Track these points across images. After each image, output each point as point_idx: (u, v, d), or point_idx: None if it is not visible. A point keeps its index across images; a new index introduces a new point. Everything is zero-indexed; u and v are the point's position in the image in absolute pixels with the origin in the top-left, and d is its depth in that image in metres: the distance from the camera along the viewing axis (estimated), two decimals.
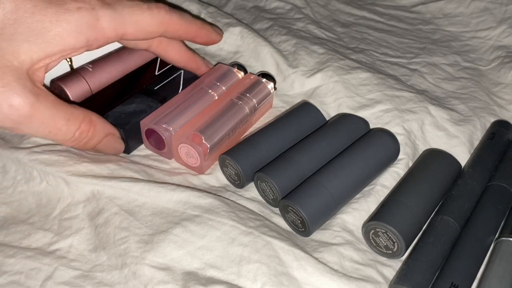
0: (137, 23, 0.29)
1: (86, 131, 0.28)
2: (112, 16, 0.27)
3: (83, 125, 0.28)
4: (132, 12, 0.28)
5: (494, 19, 0.48)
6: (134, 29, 0.29)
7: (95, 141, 0.29)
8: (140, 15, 0.29)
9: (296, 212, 0.27)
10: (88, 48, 0.27)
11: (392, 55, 0.44)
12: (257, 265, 0.25)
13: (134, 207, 0.28)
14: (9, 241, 0.27)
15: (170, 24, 0.31)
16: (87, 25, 0.26)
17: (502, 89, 0.41)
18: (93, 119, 0.28)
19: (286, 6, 0.49)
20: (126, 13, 0.28)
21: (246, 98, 0.34)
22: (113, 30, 0.28)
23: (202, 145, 0.30)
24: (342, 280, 0.25)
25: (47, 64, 0.26)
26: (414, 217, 0.27)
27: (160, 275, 0.24)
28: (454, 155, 0.32)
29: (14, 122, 0.25)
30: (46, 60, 0.25)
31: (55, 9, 0.25)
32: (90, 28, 0.26)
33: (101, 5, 0.27)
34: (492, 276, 0.25)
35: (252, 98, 0.34)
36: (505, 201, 0.30)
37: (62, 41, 0.25)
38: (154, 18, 0.29)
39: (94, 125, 0.28)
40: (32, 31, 0.25)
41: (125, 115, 0.32)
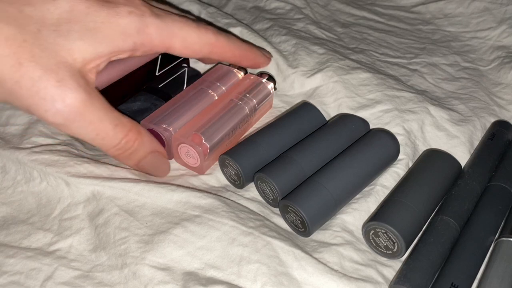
0: (185, 39, 0.29)
1: (132, 140, 0.27)
2: (161, 27, 0.28)
3: (131, 134, 0.27)
4: (181, 27, 0.29)
5: (494, 19, 0.48)
6: (180, 44, 0.29)
7: (140, 154, 0.28)
8: (188, 32, 0.30)
9: (296, 212, 0.27)
10: (133, 53, 0.28)
11: (392, 55, 0.44)
12: (257, 265, 0.25)
13: (134, 208, 0.28)
14: (9, 241, 0.27)
15: (216, 46, 0.32)
16: (136, 29, 0.27)
17: (502, 89, 0.41)
18: (141, 131, 0.28)
19: (286, 6, 0.49)
20: (175, 27, 0.29)
21: (246, 98, 0.34)
22: (160, 40, 0.28)
23: (202, 145, 0.30)
24: (342, 280, 0.25)
25: (97, 65, 0.26)
26: (414, 217, 0.27)
27: (160, 275, 0.24)
28: (454, 155, 0.32)
29: (65, 118, 0.24)
30: (97, 60, 0.26)
31: (107, 11, 0.26)
32: (138, 33, 0.27)
33: (151, 14, 0.28)
34: (492, 276, 0.25)
35: (252, 98, 0.34)
36: (505, 201, 0.30)
37: (111, 42, 0.26)
38: (201, 38, 0.30)
39: (142, 137, 0.28)
40: (86, 30, 0.25)
41: (130, 113, 0.32)
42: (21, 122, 0.33)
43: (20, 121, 0.33)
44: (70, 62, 0.25)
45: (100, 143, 0.27)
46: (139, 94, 0.34)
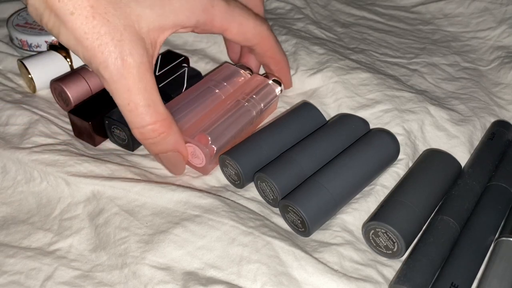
0: (241, 25, 0.31)
1: (159, 132, 0.27)
2: (225, 9, 0.29)
3: (159, 124, 0.27)
4: (241, 13, 0.31)
5: (494, 20, 0.48)
6: (237, 29, 0.31)
7: (161, 147, 0.28)
8: (246, 19, 0.31)
9: (296, 212, 0.27)
10: (194, 30, 0.29)
11: (392, 55, 0.44)
12: (257, 265, 0.25)
13: (134, 207, 0.28)
14: (9, 241, 0.27)
15: (264, 40, 0.33)
16: (202, 8, 0.28)
17: (502, 89, 0.41)
18: (172, 127, 0.28)
19: (286, 6, 0.49)
20: (236, 12, 0.30)
21: (253, 100, 0.34)
22: (221, 21, 0.29)
23: (209, 147, 0.30)
24: (342, 280, 0.25)
25: (159, 37, 0.27)
26: (414, 217, 0.27)
27: (160, 275, 0.24)
28: (454, 155, 0.32)
29: (110, 75, 0.26)
30: (160, 33, 0.27)
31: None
32: (203, 11, 0.28)
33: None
34: (492, 276, 0.25)
35: (259, 100, 0.34)
36: (505, 201, 0.30)
37: (176, 16, 0.27)
38: (256, 28, 0.32)
39: (169, 133, 0.28)
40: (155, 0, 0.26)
41: None
42: (21, 122, 0.33)
43: (20, 121, 0.33)
44: (135, 27, 0.26)
45: (128, 115, 0.27)
46: None
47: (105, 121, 0.32)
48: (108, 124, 0.32)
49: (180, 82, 0.36)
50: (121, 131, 0.32)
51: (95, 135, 0.33)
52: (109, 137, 0.34)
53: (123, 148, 0.33)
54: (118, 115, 0.31)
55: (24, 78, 0.37)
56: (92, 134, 0.32)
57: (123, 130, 0.32)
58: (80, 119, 0.32)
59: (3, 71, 0.38)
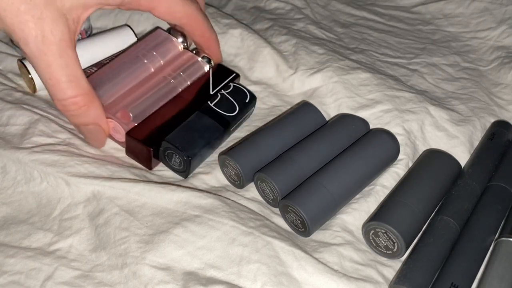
0: (170, 5, 0.31)
1: (79, 105, 0.28)
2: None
3: (81, 98, 0.28)
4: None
5: (494, 20, 0.48)
6: (165, 9, 0.31)
7: (82, 120, 0.29)
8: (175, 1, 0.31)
9: (296, 212, 0.27)
10: (119, 6, 0.29)
11: (392, 56, 0.44)
12: (257, 265, 0.25)
13: (134, 207, 0.28)
14: (9, 241, 0.27)
15: (193, 19, 0.33)
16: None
17: (502, 90, 0.41)
18: (93, 101, 0.29)
19: (286, 6, 0.49)
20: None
21: (180, 77, 0.34)
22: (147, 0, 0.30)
23: (129, 124, 0.30)
24: (342, 280, 0.25)
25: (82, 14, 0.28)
26: (414, 217, 0.27)
27: (160, 275, 0.24)
28: (454, 155, 0.32)
29: (31, 52, 0.26)
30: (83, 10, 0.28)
31: None
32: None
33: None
34: (492, 276, 0.25)
35: (186, 78, 0.34)
36: (505, 201, 0.30)
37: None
38: (184, 6, 0.32)
39: (91, 107, 0.29)
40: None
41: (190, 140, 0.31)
42: (21, 122, 0.33)
43: (21, 121, 0.33)
44: (57, 4, 0.26)
45: (50, 90, 0.28)
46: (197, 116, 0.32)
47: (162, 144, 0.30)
48: (164, 149, 0.31)
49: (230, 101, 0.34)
50: (178, 157, 0.30)
51: (154, 159, 0.31)
52: (161, 160, 0.31)
53: (177, 173, 0.31)
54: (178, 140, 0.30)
55: (24, 78, 0.37)
56: (151, 159, 0.31)
57: (180, 157, 0.30)
58: (141, 144, 0.30)
59: (3, 71, 0.38)
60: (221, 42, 0.43)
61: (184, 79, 0.34)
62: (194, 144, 0.30)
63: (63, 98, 0.28)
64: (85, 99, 0.28)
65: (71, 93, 0.28)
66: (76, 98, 0.28)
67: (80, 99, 0.28)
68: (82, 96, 0.28)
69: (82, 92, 0.28)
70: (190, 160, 0.29)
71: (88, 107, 0.29)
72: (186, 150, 0.29)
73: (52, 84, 0.27)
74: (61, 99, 0.28)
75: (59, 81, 0.27)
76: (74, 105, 0.28)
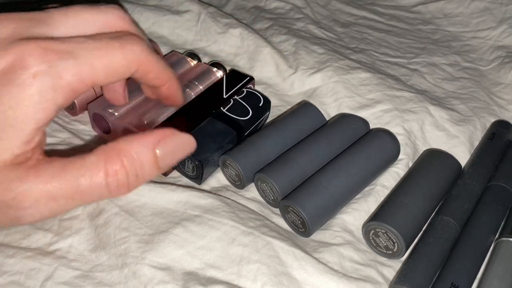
0: (108, 67, 0.24)
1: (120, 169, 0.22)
2: (77, 67, 0.23)
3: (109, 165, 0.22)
4: (102, 55, 0.24)
5: (494, 19, 0.48)
6: (104, 74, 0.24)
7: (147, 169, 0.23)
8: (111, 57, 0.24)
9: (297, 212, 0.27)
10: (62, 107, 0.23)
11: (392, 55, 0.44)
12: (257, 265, 0.25)
13: (134, 208, 0.28)
14: (9, 241, 0.27)
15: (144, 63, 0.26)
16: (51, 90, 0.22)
17: (502, 89, 0.41)
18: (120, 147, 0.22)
19: (286, 6, 0.49)
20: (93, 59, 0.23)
21: (194, 85, 0.34)
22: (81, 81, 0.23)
23: (143, 128, 0.30)
24: (342, 280, 0.25)
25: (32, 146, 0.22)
26: (414, 217, 0.27)
27: (160, 275, 0.24)
28: (454, 155, 0.32)
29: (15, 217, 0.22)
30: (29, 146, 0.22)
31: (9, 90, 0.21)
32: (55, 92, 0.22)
33: (60, 57, 0.22)
34: (492, 276, 0.25)
35: (199, 85, 0.35)
36: (505, 201, 0.30)
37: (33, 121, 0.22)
38: (127, 58, 0.24)
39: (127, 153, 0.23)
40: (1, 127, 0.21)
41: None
42: None
43: None
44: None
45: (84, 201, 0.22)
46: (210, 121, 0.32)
47: None
48: None
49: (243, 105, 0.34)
50: (191, 163, 0.30)
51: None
52: (175, 167, 0.31)
53: (191, 180, 0.31)
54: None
55: None
56: None
57: (192, 162, 0.30)
58: None
59: None
60: (221, 42, 0.43)
61: (198, 86, 0.34)
62: (206, 148, 0.30)
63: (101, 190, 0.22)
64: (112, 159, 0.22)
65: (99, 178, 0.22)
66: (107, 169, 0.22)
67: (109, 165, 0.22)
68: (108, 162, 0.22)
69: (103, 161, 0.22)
70: (202, 164, 0.29)
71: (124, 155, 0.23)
72: (197, 154, 0.29)
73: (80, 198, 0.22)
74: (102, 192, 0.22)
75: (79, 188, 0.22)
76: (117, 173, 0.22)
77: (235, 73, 0.37)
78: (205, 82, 0.35)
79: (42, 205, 0.22)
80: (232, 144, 0.32)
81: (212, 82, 0.36)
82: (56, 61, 0.22)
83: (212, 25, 0.44)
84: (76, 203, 0.22)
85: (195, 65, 0.37)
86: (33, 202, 0.21)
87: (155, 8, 0.45)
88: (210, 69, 0.36)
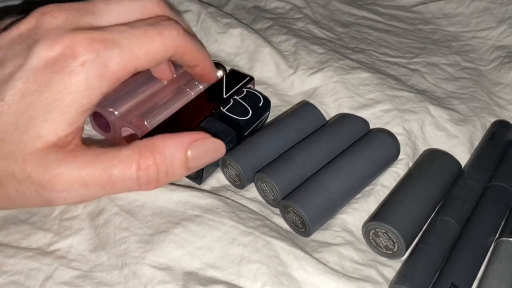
0: (148, 53, 0.26)
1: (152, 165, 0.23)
2: (121, 56, 0.24)
3: (142, 160, 0.23)
4: (142, 43, 0.25)
5: (494, 19, 0.48)
6: (145, 60, 0.26)
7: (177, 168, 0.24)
8: (150, 44, 0.26)
9: (296, 212, 0.27)
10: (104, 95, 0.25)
11: (392, 55, 0.44)
12: (257, 265, 0.25)
13: (134, 207, 0.28)
14: (9, 241, 0.27)
15: (180, 47, 0.28)
16: (97, 77, 0.24)
17: (502, 89, 0.41)
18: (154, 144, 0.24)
19: (286, 6, 0.49)
20: (135, 47, 0.25)
21: (193, 85, 0.34)
22: (124, 69, 0.25)
23: (142, 127, 0.30)
24: (342, 280, 0.25)
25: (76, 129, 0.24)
26: (414, 217, 0.27)
27: (160, 275, 0.24)
28: (454, 155, 0.32)
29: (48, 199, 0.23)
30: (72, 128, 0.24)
31: (59, 76, 0.23)
32: (101, 79, 0.24)
33: (106, 47, 0.24)
34: (492, 277, 0.25)
35: (199, 85, 0.34)
36: (505, 201, 0.30)
37: (79, 106, 0.23)
38: (165, 43, 0.26)
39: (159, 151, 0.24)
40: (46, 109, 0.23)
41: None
42: None
43: None
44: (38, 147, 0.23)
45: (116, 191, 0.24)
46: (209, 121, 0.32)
47: None
48: None
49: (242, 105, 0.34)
50: None
51: None
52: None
53: (192, 181, 0.31)
54: None
55: None
56: None
57: None
58: None
59: None
60: (221, 42, 0.43)
61: (198, 86, 0.34)
62: None
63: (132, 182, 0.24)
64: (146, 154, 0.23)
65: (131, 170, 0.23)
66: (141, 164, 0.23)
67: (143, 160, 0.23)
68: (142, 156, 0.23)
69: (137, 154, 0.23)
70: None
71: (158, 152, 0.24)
72: None
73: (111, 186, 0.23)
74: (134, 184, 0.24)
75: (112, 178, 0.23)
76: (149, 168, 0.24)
77: (235, 73, 0.37)
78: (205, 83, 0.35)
79: (74, 190, 0.23)
80: (232, 144, 0.32)
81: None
82: (102, 51, 0.24)
83: (212, 25, 0.44)
84: (106, 192, 0.24)
85: None
86: (67, 186, 0.23)
87: None
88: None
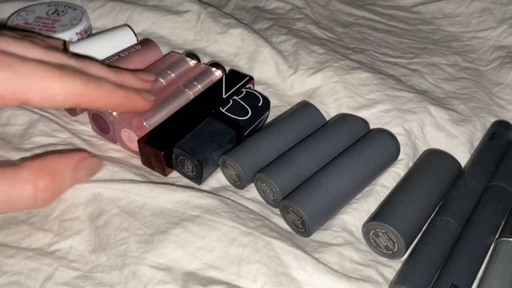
0: (44, 90, 0.25)
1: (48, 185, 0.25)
2: (11, 80, 0.24)
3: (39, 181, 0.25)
4: (39, 77, 0.24)
5: (494, 19, 0.48)
6: (39, 97, 0.25)
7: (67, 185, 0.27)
8: (48, 82, 0.25)
9: (296, 212, 0.27)
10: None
11: (392, 55, 0.44)
12: (257, 266, 0.25)
13: (134, 208, 0.28)
14: (9, 242, 0.27)
15: (84, 97, 0.26)
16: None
17: (502, 89, 0.41)
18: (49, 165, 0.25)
19: (286, 6, 0.49)
20: (30, 77, 0.24)
21: (193, 85, 0.34)
22: (12, 93, 0.24)
23: (142, 128, 0.30)
24: (342, 281, 0.25)
25: None
26: (414, 217, 0.27)
27: (160, 275, 0.24)
28: (454, 155, 0.32)
29: None
30: None
31: None
32: None
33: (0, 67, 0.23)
34: (492, 277, 0.25)
35: (198, 85, 0.35)
36: (505, 201, 0.30)
37: None
38: (64, 88, 0.25)
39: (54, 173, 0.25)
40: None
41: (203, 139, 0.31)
42: (21, 122, 0.33)
43: (21, 121, 0.33)
44: None
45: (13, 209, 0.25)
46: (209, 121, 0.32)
47: (173, 151, 0.30)
48: (176, 156, 0.30)
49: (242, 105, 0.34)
50: (190, 163, 0.30)
51: (167, 168, 0.31)
52: (175, 167, 0.31)
53: (191, 181, 0.31)
54: (188, 145, 0.30)
55: None
56: (163, 163, 0.30)
57: (192, 162, 0.30)
58: (152, 149, 0.30)
59: None
60: (221, 42, 0.43)
61: (197, 86, 0.34)
62: (205, 148, 0.30)
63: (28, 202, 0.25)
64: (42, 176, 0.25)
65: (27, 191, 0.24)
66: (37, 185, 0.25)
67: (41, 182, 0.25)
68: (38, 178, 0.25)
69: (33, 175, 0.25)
70: (201, 164, 0.29)
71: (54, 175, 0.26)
72: (196, 154, 0.29)
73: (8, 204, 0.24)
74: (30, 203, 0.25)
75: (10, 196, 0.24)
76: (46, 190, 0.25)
77: (234, 73, 0.37)
78: (204, 82, 0.35)
79: None
80: (231, 144, 0.32)
81: (211, 82, 0.36)
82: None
83: (212, 25, 0.44)
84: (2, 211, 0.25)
85: (194, 65, 0.37)
86: None
87: (155, 8, 0.45)
88: (209, 69, 0.36)
